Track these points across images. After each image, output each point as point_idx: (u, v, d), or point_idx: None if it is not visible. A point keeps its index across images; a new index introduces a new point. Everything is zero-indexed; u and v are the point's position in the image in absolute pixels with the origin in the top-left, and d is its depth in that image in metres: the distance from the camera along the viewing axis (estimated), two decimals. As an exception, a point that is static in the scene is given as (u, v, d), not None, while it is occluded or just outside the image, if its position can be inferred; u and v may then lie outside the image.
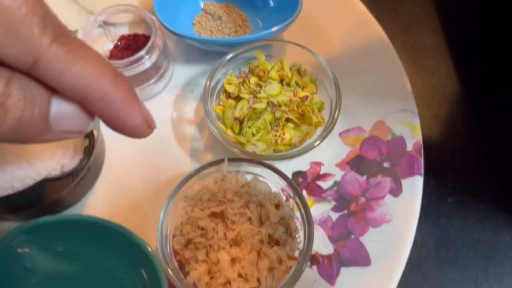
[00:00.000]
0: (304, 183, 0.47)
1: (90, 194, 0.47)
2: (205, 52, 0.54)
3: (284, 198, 0.43)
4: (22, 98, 0.21)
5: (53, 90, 0.23)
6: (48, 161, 0.39)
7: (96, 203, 0.46)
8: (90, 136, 0.40)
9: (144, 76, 0.50)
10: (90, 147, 0.40)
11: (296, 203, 0.42)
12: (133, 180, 0.48)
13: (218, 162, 0.43)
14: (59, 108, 0.23)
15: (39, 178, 0.38)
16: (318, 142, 0.44)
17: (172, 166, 0.48)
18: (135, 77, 0.49)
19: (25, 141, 0.23)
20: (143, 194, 0.47)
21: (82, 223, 0.40)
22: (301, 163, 0.48)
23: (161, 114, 0.52)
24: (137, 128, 0.25)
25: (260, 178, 0.44)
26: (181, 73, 0.54)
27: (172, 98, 0.52)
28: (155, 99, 0.52)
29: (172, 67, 0.53)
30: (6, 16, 0.20)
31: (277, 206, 0.42)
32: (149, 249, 0.39)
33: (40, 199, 0.41)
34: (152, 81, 0.51)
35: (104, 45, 0.52)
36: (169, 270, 0.39)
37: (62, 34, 0.22)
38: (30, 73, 0.22)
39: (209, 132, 0.51)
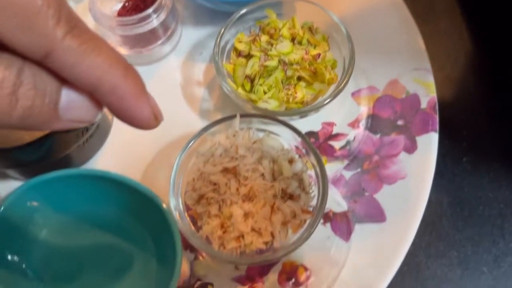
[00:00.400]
0: (316, 143, 0.46)
1: (99, 153, 0.47)
2: (214, 13, 0.53)
3: (296, 155, 0.42)
4: (33, 87, 0.22)
5: (63, 80, 0.23)
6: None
7: (106, 163, 0.46)
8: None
9: (152, 36, 0.49)
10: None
11: (309, 159, 0.41)
12: (143, 140, 0.47)
13: (230, 118, 0.42)
14: (69, 98, 0.23)
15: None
16: (331, 98, 0.43)
17: (182, 126, 0.48)
18: (143, 36, 0.48)
19: (33, 128, 0.23)
20: (154, 154, 0.47)
21: (93, 177, 0.40)
22: (313, 124, 0.47)
23: (170, 75, 0.51)
24: (145, 120, 0.26)
25: (272, 136, 0.43)
26: (189, 35, 0.53)
27: (180, 60, 0.52)
28: (164, 61, 0.52)
29: (180, 29, 0.52)
30: (22, 8, 0.20)
31: (290, 161, 0.41)
32: (162, 203, 0.38)
33: (48, 154, 0.41)
34: (160, 41, 0.50)
35: (112, 6, 0.51)
36: (182, 225, 0.38)
37: (75, 27, 0.22)
38: (42, 63, 0.22)
39: (219, 93, 0.50)
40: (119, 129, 0.48)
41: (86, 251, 0.41)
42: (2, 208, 0.37)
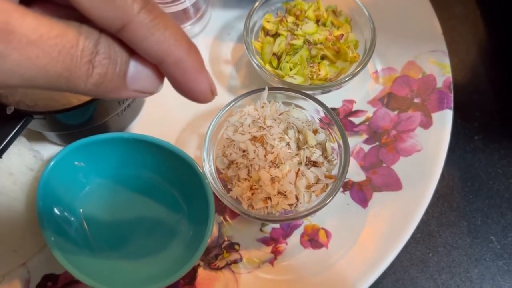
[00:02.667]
0: (337, 119, 0.49)
1: (132, 125, 0.50)
2: (242, -3, 0.56)
3: (320, 127, 0.45)
4: (108, 56, 0.24)
5: (132, 51, 0.25)
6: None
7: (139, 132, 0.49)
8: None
9: (184, 16, 0.52)
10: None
11: (332, 131, 0.44)
12: (173, 113, 0.50)
13: (259, 90, 0.45)
14: (136, 69, 0.26)
15: (94, 96, 0.40)
16: (353, 75, 0.46)
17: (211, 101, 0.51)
18: (175, 15, 0.51)
19: (103, 96, 0.25)
20: (183, 126, 0.50)
21: (133, 141, 0.43)
22: (334, 101, 0.50)
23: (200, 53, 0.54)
24: (203, 93, 0.28)
25: (297, 109, 0.46)
26: (218, 17, 0.56)
27: (209, 40, 0.55)
28: (194, 40, 0.54)
29: (210, 11, 0.56)
30: None
31: (314, 132, 0.44)
32: (198, 166, 0.41)
33: (89, 120, 0.44)
34: (191, 22, 0.53)
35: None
36: (214, 187, 0.41)
37: (148, 2, 0.24)
38: (116, 35, 0.24)
39: (246, 71, 0.53)
40: (150, 104, 0.51)
41: (122, 208, 0.44)
42: (51, 164, 0.41)
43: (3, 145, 0.38)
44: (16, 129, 0.39)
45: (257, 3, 0.49)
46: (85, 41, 0.23)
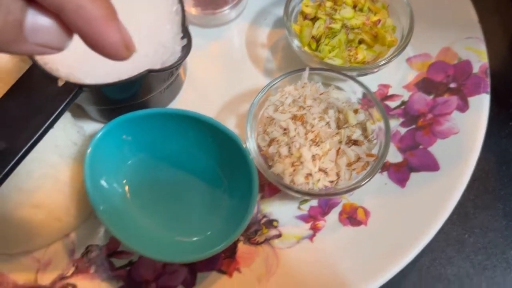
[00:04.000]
0: (373, 103, 0.50)
1: (171, 105, 0.51)
2: (278, -18, 0.57)
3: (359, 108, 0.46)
4: None
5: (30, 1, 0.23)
6: (150, 57, 0.42)
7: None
8: (187, 35, 0.43)
9: (222, 1, 0.53)
10: (188, 46, 0.43)
11: (372, 111, 0.45)
12: (212, 94, 0.51)
13: (299, 70, 0.46)
14: (35, 19, 0.23)
15: (142, 70, 0.41)
16: (392, 58, 0.47)
17: (247, 82, 0.52)
18: (212, 1, 0.53)
19: (3, 50, 0.23)
20: (221, 106, 0.51)
21: (176, 116, 0.44)
22: (370, 85, 0.50)
23: (237, 38, 0.55)
24: (114, 47, 0.25)
25: (337, 90, 0.47)
26: (254, 2, 0.57)
27: (246, 25, 0.56)
28: (231, 25, 0.56)
29: (247, -4, 0.57)
30: None
31: (355, 111, 0.45)
32: (242, 142, 0.42)
33: (133, 96, 0.45)
34: (229, 6, 0.54)
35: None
36: (257, 163, 0.42)
37: None
38: None
39: (282, 55, 0.54)
40: (189, 84, 0.52)
41: (164, 182, 0.45)
42: (99, 136, 0.42)
43: (55, 115, 0.39)
44: (67, 100, 0.40)
45: (296, -12, 0.50)
46: None
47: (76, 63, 0.41)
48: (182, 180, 0.45)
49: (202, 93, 0.52)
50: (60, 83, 0.40)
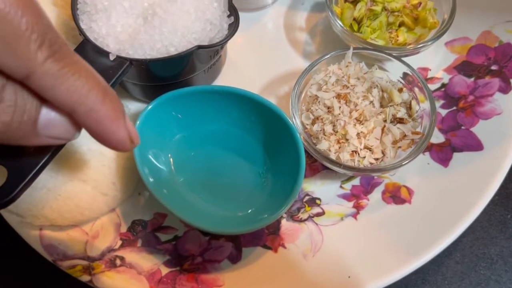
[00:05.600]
0: (412, 85, 0.50)
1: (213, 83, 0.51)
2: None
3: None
4: (13, 104, 0.23)
5: (44, 99, 0.24)
6: (199, 33, 0.43)
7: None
8: (234, 13, 0.44)
9: (261, -16, 0.54)
10: (235, 23, 0.44)
11: (415, 90, 0.45)
12: (251, 75, 0.52)
13: (344, 50, 0.46)
14: (48, 116, 0.25)
15: (191, 46, 0.42)
16: (435, 38, 0.47)
17: (286, 64, 0.52)
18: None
19: (11, 143, 0.25)
20: (261, 87, 0.51)
21: (222, 94, 0.44)
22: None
23: (275, 22, 0.55)
24: (120, 143, 0.27)
25: (380, 70, 0.47)
26: (292, -13, 0.57)
27: (284, 9, 0.56)
28: (269, 9, 0.56)
29: (285, -20, 0.57)
30: (6, 31, 0.21)
31: (399, 90, 0.45)
32: (288, 119, 0.43)
33: (181, 72, 0.45)
34: (266, -10, 0.55)
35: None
36: (305, 138, 0.43)
37: (58, 51, 0.23)
38: (24, 83, 0.23)
39: (320, 39, 0.54)
40: (228, 66, 0.52)
41: (208, 158, 0.46)
42: (148, 110, 0.43)
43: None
44: (118, 74, 0.40)
45: (337, -29, 0.51)
46: None
47: (126, 39, 0.42)
48: (226, 157, 0.46)
49: (241, 75, 0.52)
50: (112, 58, 0.40)
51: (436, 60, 0.51)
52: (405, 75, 0.46)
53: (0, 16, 0.21)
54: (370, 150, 0.43)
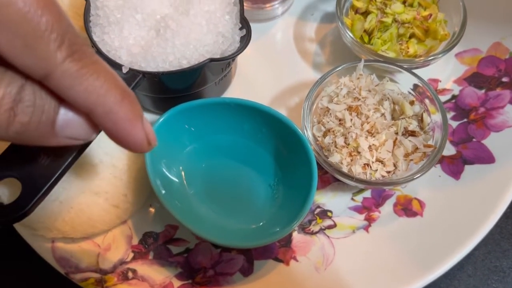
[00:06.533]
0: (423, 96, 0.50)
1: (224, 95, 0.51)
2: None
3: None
4: (32, 104, 0.23)
5: (62, 99, 0.24)
6: (211, 46, 0.43)
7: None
8: (246, 25, 0.44)
9: (270, -4, 0.54)
10: (247, 36, 0.44)
11: (426, 102, 0.45)
12: (261, 87, 0.52)
13: (355, 62, 0.46)
14: (66, 117, 0.25)
15: (203, 59, 0.42)
16: (446, 51, 0.47)
17: (296, 75, 0.52)
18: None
19: (29, 143, 0.25)
20: (271, 99, 0.51)
21: (234, 106, 0.44)
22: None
23: (284, 32, 0.56)
24: (138, 145, 0.27)
25: (391, 82, 0.47)
26: (301, -1, 0.58)
27: (293, 20, 0.56)
28: (278, 20, 0.56)
29: (294, -9, 0.57)
30: (26, 30, 0.21)
31: (411, 103, 0.45)
32: (300, 131, 0.43)
33: (193, 84, 0.45)
34: (277, 2, 0.55)
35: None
36: (317, 151, 0.43)
37: (77, 51, 0.23)
38: (43, 82, 0.23)
39: (330, 49, 0.54)
40: (239, 77, 0.52)
41: (219, 170, 0.46)
42: (160, 122, 0.43)
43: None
44: (131, 87, 0.40)
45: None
46: (7, 88, 0.22)
47: (138, 51, 0.42)
48: (237, 168, 0.46)
49: (251, 86, 0.52)
50: (124, 70, 0.41)
51: (446, 71, 0.52)
52: (415, 86, 0.46)
53: (20, 15, 0.21)
54: (382, 163, 0.43)
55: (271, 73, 0.53)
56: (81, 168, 0.42)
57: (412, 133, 0.44)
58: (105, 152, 0.44)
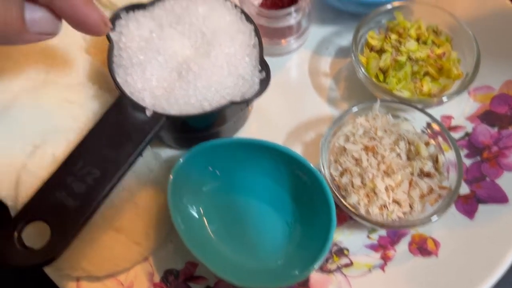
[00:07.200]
0: (436, 134, 0.51)
1: (238, 134, 0.52)
2: (338, 13, 0.59)
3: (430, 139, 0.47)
4: (2, 5, 0.28)
5: None
6: (231, 88, 0.44)
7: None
8: (265, 68, 0.45)
9: (288, 32, 0.55)
10: (266, 79, 0.44)
11: (441, 143, 0.46)
12: (276, 122, 0.53)
13: (370, 103, 0.47)
14: (32, 12, 0.30)
15: (224, 102, 0.43)
16: (460, 91, 0.48)
17: (311, 111, 0.54)
18: (281, 30, 0.54)
19: (9, 42, 0.30)
20: (286, 135, 0.52)
21: (252, 146, 0.45)
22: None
23: (299, 67, 0.57)
24: (96, 25, 0.33)
25: (407, 121, 0.48)
26: (316, 31, 0.58)
27: (308, 54, 0.57)
28: (293, 54, 0.57)
29: (310, 28, 0.58)
30: None
31: (426, 144, 0.46)
32: (319, 173, 0.43)
33: (213, 124, 0.47)
34: (293, 37, 0.56)
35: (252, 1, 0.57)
36: (334, 192, 0.44)
37: None
38: None
39: (345, 84, 0.55)
40: (255, 112, 0.54)
41: (238, 208, 0.47)
42: (181, 162, 0.44)
43: (144, 143, 0.41)
44: (156, 129, 0.42)
45: (363, 21, 0.52)
46: None
47: (161, 93, 0.43)
48: (255, 206, 0.47)
49: (267, 121, 0.53)
50: (148, 113, 0.42)
51: (459, 108, 0.52)
52: (429, 124, 0.47)
53: None
54: (398, 204, 0.44)
55: (287, 108, 0.54)
56: (104, 207, 0.43)
57: (428, 175, 0.45)
58: (127, 190, 0.45)
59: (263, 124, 0.53)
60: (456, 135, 0.51)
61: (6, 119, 0.44)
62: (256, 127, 0.53)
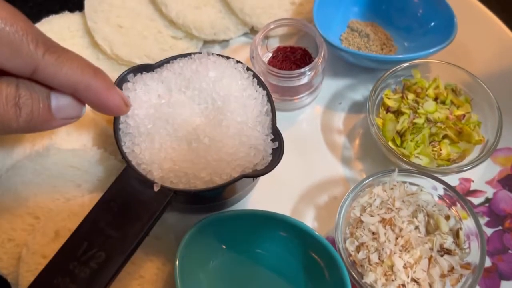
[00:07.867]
0: (454, 198, 0.49)
1: (248, 196, 0.50)
2: (350, 67, 0.57)
3: (450, 211, 0.45)
4: (30, 97, 0.30)
5: (51, 88, 0.31)
6: (243, 160, 0.42)
7: (257, 202, 0.50)
8: (278, 137, 0.43)
9: (302, 89, 0.53)
10: (280, 150, 0.42)
11: (455, 209, 0.44)
12: (289, 184, 0.51)
13: (388, 172, 0.45)
14: (57, 100, 0.31)
15: (235, 174, 0.41)
16: (482, 159, 0.46)
17: (324, 171, 0.51)
18: (295, 88, 0.52)
19: (37, 130, 0.31)
20: (298, 197, 0.50)
21: (263, 218, 0.43)
22: (451, 179, 0.50)
23: (312, 123, 0.55)
24: (118, 107, 0.36)
25: (425, 190, 0.46)
26: (328, 86, 0.57)
27: (321, 109, 0.56)
28: (306, 109, 0.55)
29: (323, 84, 0.56)
30: (8, 40, 0.28)
31: (446, 217, 0.44)
32: (334, 250, 0.41)
33: (221, 195, 0.45)
34: (307, 93, 0.54)
35: (262, 55, 0.55)
36: (350, 270, 0.41)
37: (51, 46, 0.30)
38: (31, 78, 0.30)
39: (359, 143, 0.53)
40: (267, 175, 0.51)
41: (249, 281, 0.45)
42: (188, 236, 0.42)
43: (152, 221, 0.39)
44: (163, 206, 0.40)
45: (380, 79, 0.50)
46: (7, 89, 0.29)
47: (169, 166, 0.41)
48: (267, 277, 0.45)
49: (279, 184, 0.50)
50: (156, 189, 0.40)
51: (479, 171, 0.50)
52: (445, 191, 0.45)
53: (1, 29, 0.28)
54: (417, 283, 0.42)
55: (298, 167, 0.52)
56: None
57: (448, 252, 0.43)
58: (131, 262, 0.43)
59: (275, 187, 0.50)
60: (476, 200, 0.49)
61: (8, 189, 0.43)
62: (267, 191, 0.50)
